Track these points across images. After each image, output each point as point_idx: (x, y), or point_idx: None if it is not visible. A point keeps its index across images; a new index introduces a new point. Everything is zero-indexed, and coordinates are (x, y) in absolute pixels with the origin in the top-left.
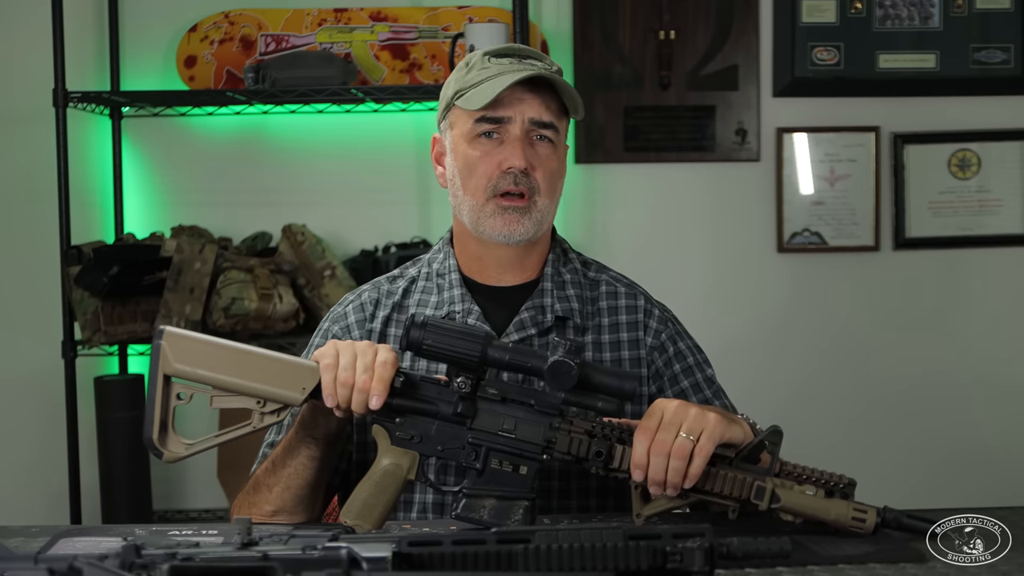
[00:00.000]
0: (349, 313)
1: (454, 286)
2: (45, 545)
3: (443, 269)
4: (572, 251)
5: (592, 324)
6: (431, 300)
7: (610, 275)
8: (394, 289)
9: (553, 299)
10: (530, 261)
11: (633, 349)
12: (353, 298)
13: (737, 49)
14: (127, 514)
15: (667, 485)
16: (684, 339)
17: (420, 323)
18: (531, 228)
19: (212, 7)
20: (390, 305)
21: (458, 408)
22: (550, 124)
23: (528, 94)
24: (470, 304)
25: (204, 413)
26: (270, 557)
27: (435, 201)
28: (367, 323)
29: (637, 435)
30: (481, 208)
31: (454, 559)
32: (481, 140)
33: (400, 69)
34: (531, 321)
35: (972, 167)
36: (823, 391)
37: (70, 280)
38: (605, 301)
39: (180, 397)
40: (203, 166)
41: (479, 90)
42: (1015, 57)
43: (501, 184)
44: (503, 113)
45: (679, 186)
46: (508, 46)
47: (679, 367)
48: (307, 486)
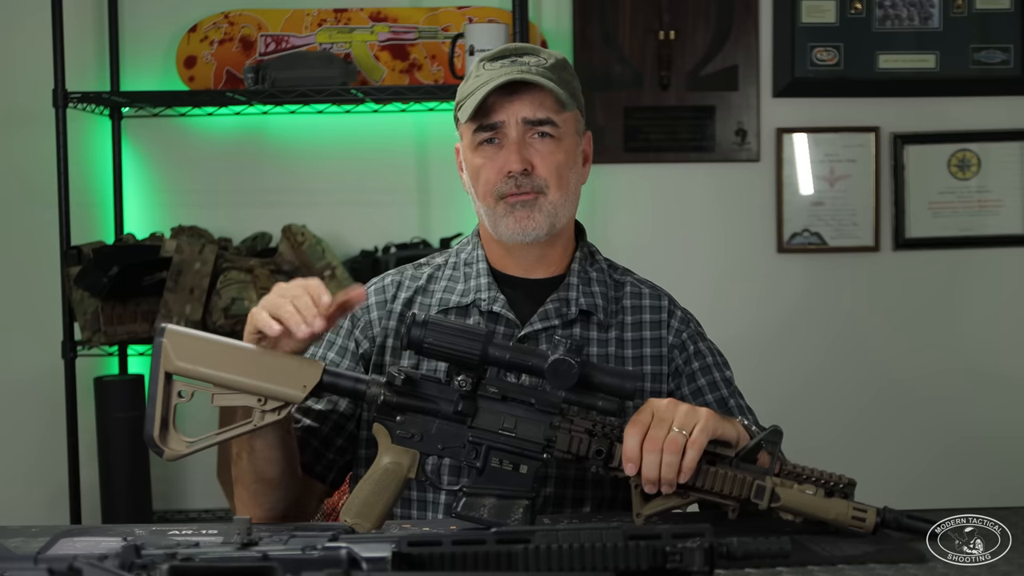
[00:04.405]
0: (370, 294)
1: (481, 275)
2: (45, 545)
3: (471, 259)
4: (600, 255)
5: (616, 321)
6: (457, 287)
7: (635, 278)
8: (419, 275)
9: (579, 293)
10: (554, 255)
11: (655, 347)
12: (376, 280)
13: (737, 49)
14: (127, 514)
15: (662, 482)
16: (704, 340)
17: (421, 322)
18: (544, 223)
19: (212, 7)
20: (413, 288)
21: (459, 407)
22: (546, 120)
23: (518, 94)
24: (496, 293)
25: (204, 411)
26: (270, 557)
27: (435, 202)
28: (387, 304)
29: (628, 428)
30: (493, 211)
31: (454, 559)
32: (483, 147)
33: (400, 69)
34: (555, 312)
35: (972, 167)
36: (823, 391)
37: (70, 280)
38: (629, 300)
39: (181, 395)
40: (203, 166)
41: (469, 101)
42: (1015, 57)
43: (504, 188)
44: (495, 118)
45: (679, 187)
46: (503, 48)
47: (697, 365)
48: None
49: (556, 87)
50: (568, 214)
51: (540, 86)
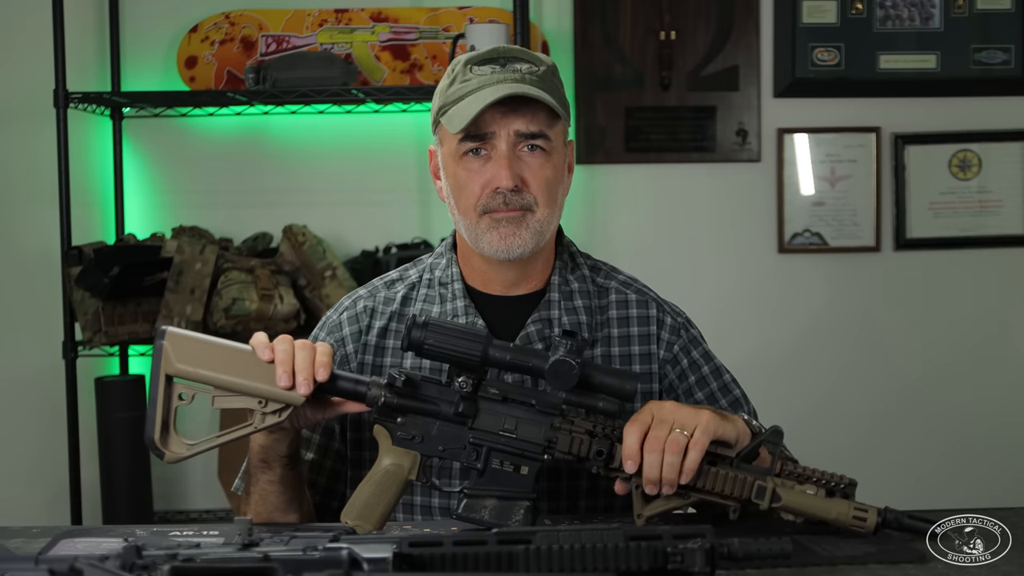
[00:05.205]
0: (344, 323)
1: (457, 297)
2: (46, 546)
3: (445, 278)
4: (580, 255)
5: (601, 335)
6: (433, 310)
7: (619, 280)
8: (392, 296)
9: (560, 311)
10: (535, 270)
11: (645, 363)
12: (349, 304)
13: (738, 50)
14: (128, 515)
15: (663, 483)
16: (698, 347)
17: (421, 323)
18: (530, 241)
19: (213, 8)
20: (387, 314)
21: (459, 408)
22: (539, 134)
23: (511, 105)
24: (474, 317)
25: (205, 413)
26: (271, 558)
27: (436, 202)
28: (362, 335)
29: (628, 427)
30: (476, 225)
31: (455, 560)
32: (468, 158)
33: (401, 70)
34: (538, 335)
35: (973, 168)
36: (824, 392)
37: (71, 281)
38: (615, 310)
39: (182, 397)
40: (204, 167)
41: (459, 108)
42: (1016, 58)
43: (491, 204)
44: (486, 129)
45: (680, 187)
46: (491, 49)
47: (694, 379)
48: (276, 509)
49: (553, 101)
50: (553, 228)
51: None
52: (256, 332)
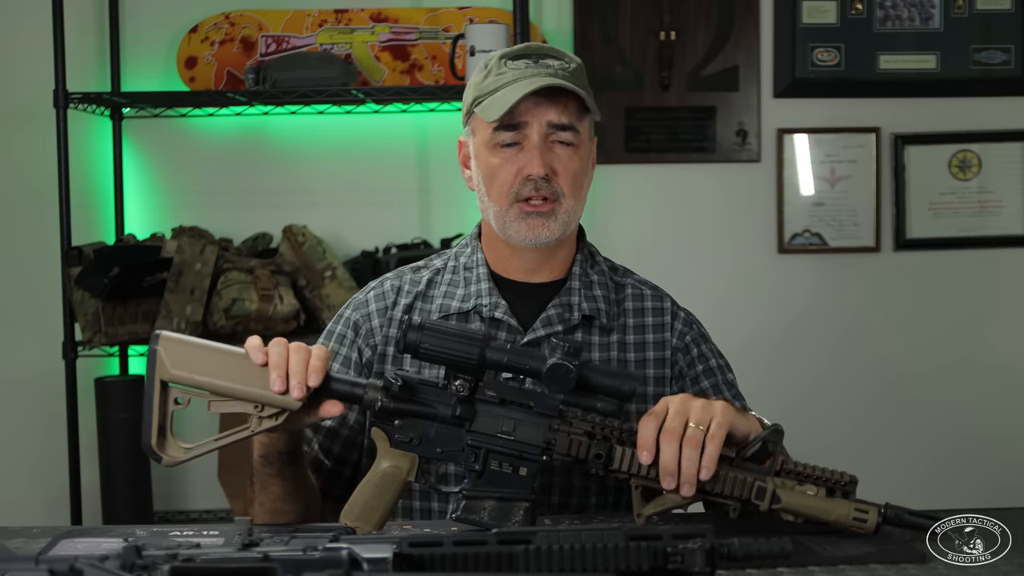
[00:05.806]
0: (371, 300)
1: (482, 280)
2: (46, 546)
3: (471, 263)
4: (600, 255)
5: (617, 324)
6: (458, 293)
7: (636, 279)
8: (418, 279)
9: (580, 298)
10: (557, 260)
11: (659, 350)
12: (375, 285)
13: (738, 50)
14: (128, 515)
15: (682, 479)
16: (707, 342)
17: (417, 326)
18: (557, 230)
19: (213, 8)
20: (413, 294)
21: (456, 410)
22: (569, 126)
23: (545, 97)
24: (497, 298)
25: (204, 415)
26: (271, 558)
27: (436, 202)
28: (388, 311)
29: (644, 419)
30: (505, 213)
31: (455, 560)
32: (501, 147)
33: (401, 70)
34: (558, 318)
35: (973, 168)
36: (824, 392)
37: (71, 281)
38: (631, 302)
39: (178, 402)
40: (204, 167)
41: (495, 99)
42: (1016, 58)
43: (523, 191)
44: (520, 119)
45: (680, 187)
46: (525, 46)
47: (701, 368)
48: (278, 499)
49: (584, 94)
50: (577, 219)
51: (565, 90)
52: (252, 334)
